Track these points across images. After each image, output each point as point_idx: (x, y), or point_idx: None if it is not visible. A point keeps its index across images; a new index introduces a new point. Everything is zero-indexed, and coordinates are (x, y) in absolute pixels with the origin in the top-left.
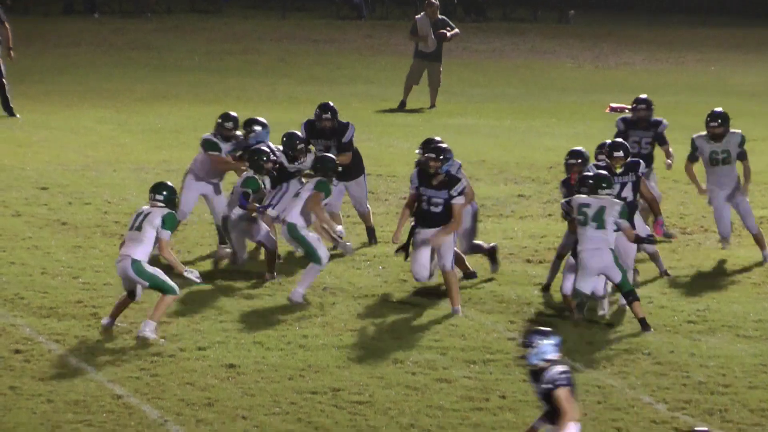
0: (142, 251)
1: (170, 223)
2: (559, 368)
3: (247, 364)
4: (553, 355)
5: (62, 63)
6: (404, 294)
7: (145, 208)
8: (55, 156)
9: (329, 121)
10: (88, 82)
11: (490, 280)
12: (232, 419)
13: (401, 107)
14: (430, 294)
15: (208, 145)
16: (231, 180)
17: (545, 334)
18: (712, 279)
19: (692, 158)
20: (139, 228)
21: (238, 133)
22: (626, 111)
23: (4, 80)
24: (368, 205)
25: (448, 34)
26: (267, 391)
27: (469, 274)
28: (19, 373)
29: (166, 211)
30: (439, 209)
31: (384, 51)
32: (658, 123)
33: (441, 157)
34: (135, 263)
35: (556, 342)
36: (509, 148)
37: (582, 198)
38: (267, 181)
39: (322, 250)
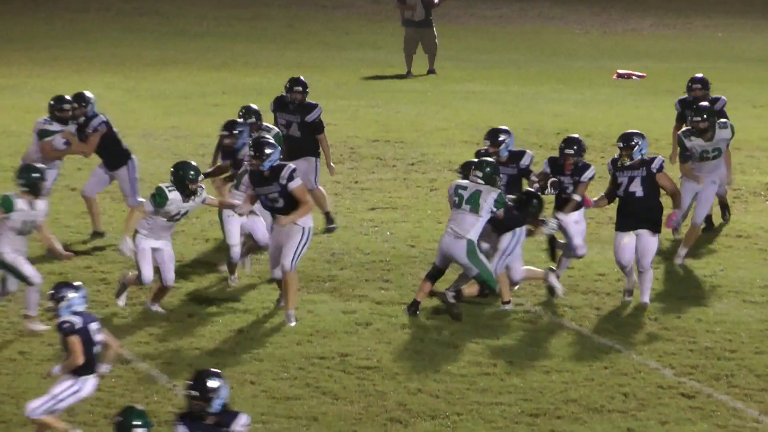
0: (140, 226)
1: (157, 199)
2: (66, 317)
3: (255, 329)
4: (80, 307)
5: (70, 29)
6: (412, 260)
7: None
8: None
9: (300, 93)
10: (96, 48)
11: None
12: (240, 384)
13: (408, 77)
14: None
15: (43, 134)
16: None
17: (74, 288)
18: (719, 245)
19: (683, 159)
20: None
21: (75, 112)
22: (633, 77)
23: None
24: (322, 189)
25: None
26: (275, 357)
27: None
28: (28, 338)
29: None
30: (281, 203)
31: (392, 17)
32: (716, 101)
33: (259, 154)
34: None
35: (84, 294)
36: (516, 114)
37: (460, 181)
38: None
39: None
